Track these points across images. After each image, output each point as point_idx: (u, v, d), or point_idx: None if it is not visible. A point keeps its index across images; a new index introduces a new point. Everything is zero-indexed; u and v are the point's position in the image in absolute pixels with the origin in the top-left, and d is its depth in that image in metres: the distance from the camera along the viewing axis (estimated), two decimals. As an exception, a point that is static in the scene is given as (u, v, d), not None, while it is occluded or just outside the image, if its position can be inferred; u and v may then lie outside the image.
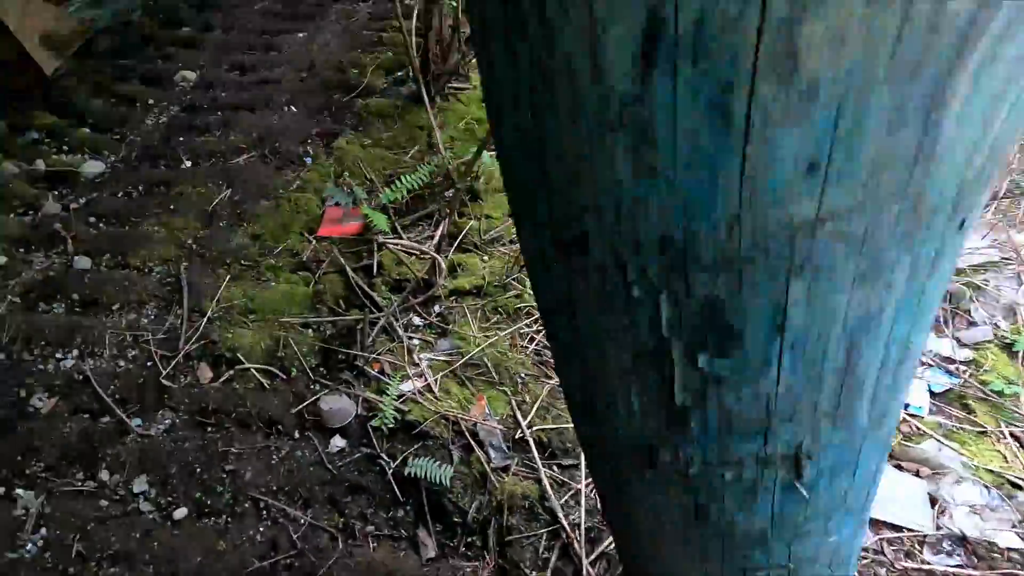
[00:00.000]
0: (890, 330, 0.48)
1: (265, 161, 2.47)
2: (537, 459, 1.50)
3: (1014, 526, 1.44)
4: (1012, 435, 1.62)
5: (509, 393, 1.69)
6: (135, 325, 1.84)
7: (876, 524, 1.46)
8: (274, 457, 1.54)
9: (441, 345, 1.86)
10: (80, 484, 1.52)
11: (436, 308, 1.98)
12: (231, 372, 1.71)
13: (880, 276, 0.44)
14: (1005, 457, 1.57)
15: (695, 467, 0.60)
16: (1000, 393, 1.71)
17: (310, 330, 1.87)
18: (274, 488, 1.49)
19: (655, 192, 0.42)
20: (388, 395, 1.60)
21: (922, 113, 0.35)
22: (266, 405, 1.64)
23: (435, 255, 2.02)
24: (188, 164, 2.45)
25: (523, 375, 1.76)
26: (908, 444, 1.61)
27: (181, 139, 2.55)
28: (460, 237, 2.18)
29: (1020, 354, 1.82)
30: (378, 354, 1.79)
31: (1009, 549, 1.42)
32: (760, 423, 0.54)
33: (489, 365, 1.78)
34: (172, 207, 2.21)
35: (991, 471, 1.54)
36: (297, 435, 1.59)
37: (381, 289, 2.00)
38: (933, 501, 1.50)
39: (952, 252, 0.46)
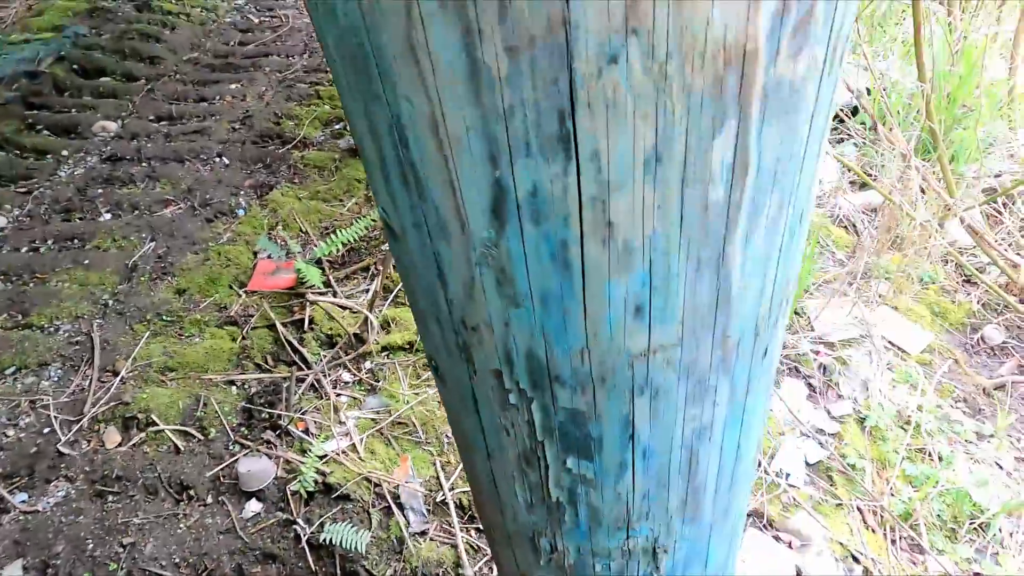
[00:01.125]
0: (722, 439, 0.54)
1: (194, 213, 2.44)
2: (456, 523, 1.51)
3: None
4: (858, 509, 1.73)
5: (434, 453, 1.70)
6: (32, 389, 1.75)
7: (750, 594, 1.52)
8: (181, 526, 1.49)
9: (370, 403, 1.85)
10: (-64, 583, 1.40)
11: (367, 364, 1.98)
12: (142, 435, 1.66)
13: (706, 395, 0.50)
14: (851, 530, 1.67)
15: (571, 557, 0.64)
16: (853, 467, 1.83)
17: (234, 387, 1.83)
18: (176, 560, 1.43)
19: (519, 319, 0.47)
20: (310, 456, 1.58)
21: (713, 270, 0.41)
22: (178, 469, 1.59)
23: (366, 312, 2.03)
24: (107, 217, 2.38)
25: (449, 435, 1.77)
26: (786, 515, 1.70)
27: (100, 191, 2.49)
28: (395, 291, 2.20)
29: (867, 429, 1.96)
30: (304, 412, 1.77)
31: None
32: (622, 519, 0.59)
33: (416, 424, 1.78)
34: (86, 261, 2.14)
35: (841, 543, 1.64)
36: (210, 500, 1.55)
37: (312, 345, 1.99)
38: (799, 573, 1.57)
39: (764, 376, 0.53)
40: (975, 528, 1.74)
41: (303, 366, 1.90)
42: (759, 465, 1.83)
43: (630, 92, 0.33)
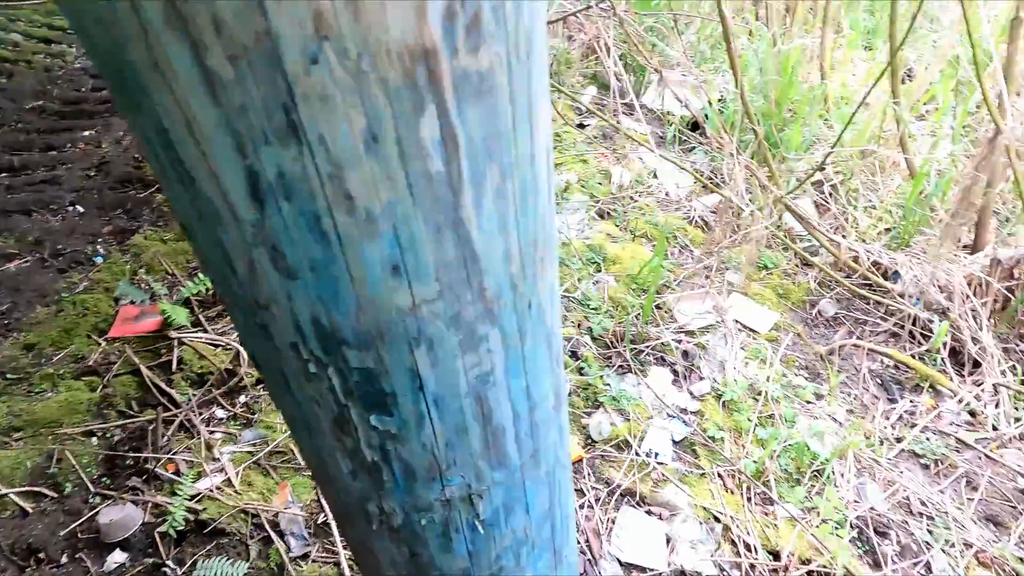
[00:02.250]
0: (507, 384, 0.63)
1: (44, 265, 2.31)
2: (338, 542, 1.52)
3: (712, 555, 1.69)
4: (719, 475, 1.93)
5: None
6: None
7: (626, 567, 1.64)
8: (38, 589, 1.40)
9: (246, 436, 1.83)
10: None
11: (241, 398, 1.95)
12: (-12, 501, 1.54)
13: (479, 344, 0.59)
14: (713, 494, 1.86)
15: (399, 517, 0.71)
16: (713, 439, 2.04)
17: (94, 438, 1.75)
18: (38, 625, 1.35)
19: (298, 290, 0.54)
20: (179, 495, 1.54)
21: (453, 232, 0.51)
22: (26, 533, 1.49)
23: (238, 345, 2.01)
24: (-58, 274, 2.21)
25: (330, 457, 1.78)
26: (656, 490, 1.85)
27: (-67, 249, 2.30)
28: (266, 326, 2.18)
29: (724, 403, 2.19)
30: (174, 453, 1.72)
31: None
32: (434, 469, 0.66)
33: (295, 451, 1.78)
34: (-80, 323, 1.98)
35: (705, 508, 1.81)
36: (64, 560, 1.46)
37: (181, 385, 1.94)
38: (669, 540, 1.72)
39: (538, 327, 0.63)
40: (814, 474, 1.97)
41: (171, 407, 1.85)
42: (629, 447, 1.97)
43: (335, 86, 0.41)
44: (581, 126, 3.68)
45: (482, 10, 0.44)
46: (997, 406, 2.48)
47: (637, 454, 1.96)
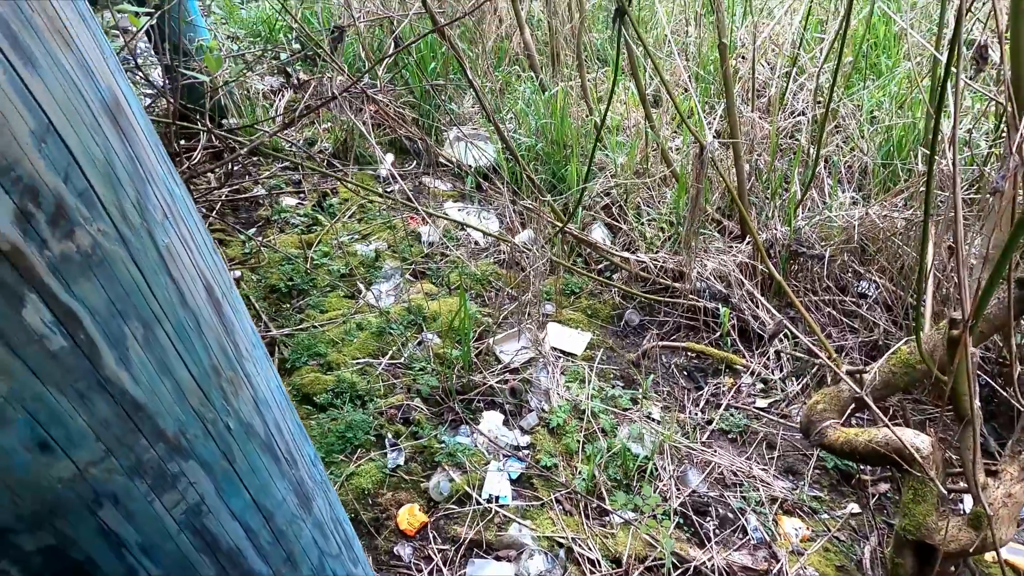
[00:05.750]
0: (227, 506, 0.66)
1: None
2: None
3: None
4: (557, 500, 2.05)
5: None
6: None
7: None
8: None
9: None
10: None
11: None
12: None
13: (175, 481, 0.61)
14: (553, 521, 1.96)
15: None
16: (547, 467, 2.16)
17: None
18: None
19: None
20: None
21: (102, 393, 0.53)
22: None
23: None
24: None
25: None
26: (501, 534, 1.92)
27: None
28: None
29: (552, 430, 2.33)
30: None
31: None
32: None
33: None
34: None
35: (548, 537, 1.90)
36: None
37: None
38: None
39: (245, 442, 0.67)
40: (640, 474, 2.15)
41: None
42: (471, 499, 2.02)
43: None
44: (384, 195, 3.78)
45: (64, 205, 0.48)
46: (782, 370, 2.87)
47: (478, 503, 2.01)
